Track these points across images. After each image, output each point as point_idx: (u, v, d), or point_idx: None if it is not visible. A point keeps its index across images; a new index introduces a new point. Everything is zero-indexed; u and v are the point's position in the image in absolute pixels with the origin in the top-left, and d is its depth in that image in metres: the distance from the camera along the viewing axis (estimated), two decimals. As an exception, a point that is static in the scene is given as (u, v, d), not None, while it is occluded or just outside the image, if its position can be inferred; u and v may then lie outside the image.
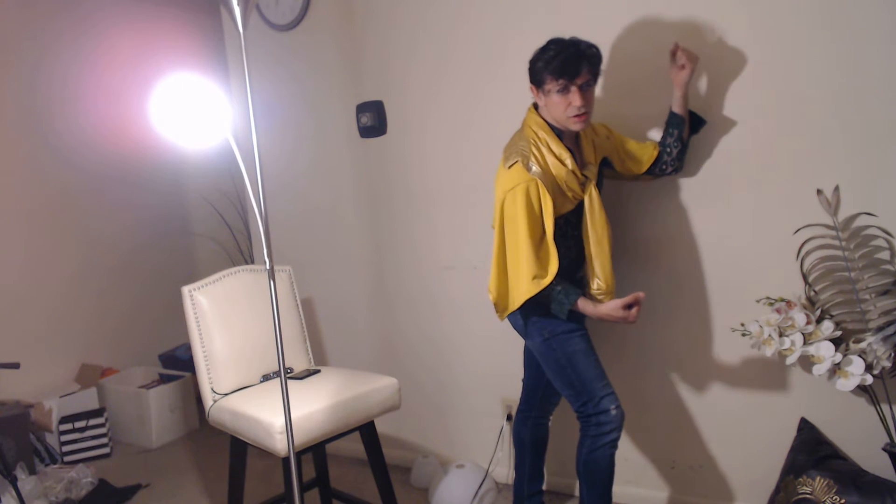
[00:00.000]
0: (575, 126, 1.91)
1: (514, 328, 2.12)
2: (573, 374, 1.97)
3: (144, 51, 4.05)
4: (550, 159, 1.91)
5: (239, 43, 1.66)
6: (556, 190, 1.91)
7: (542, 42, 1.96)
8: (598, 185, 2.02)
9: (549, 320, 1.99)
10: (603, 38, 2.29)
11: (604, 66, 2.15)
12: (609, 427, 1.93)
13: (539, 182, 1.87)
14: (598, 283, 1.98)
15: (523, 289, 1.89)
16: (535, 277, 1.88)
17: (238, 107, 3.23)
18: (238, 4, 1.60)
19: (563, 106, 1.89)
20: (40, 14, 3.66)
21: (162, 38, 4.14)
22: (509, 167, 1.92)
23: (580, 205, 1.98)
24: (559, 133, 1.95)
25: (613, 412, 1.93)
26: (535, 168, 1.89)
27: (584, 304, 1.90)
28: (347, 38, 2.88)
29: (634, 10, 2.23)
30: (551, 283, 1.89)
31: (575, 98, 1.87)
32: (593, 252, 1.97)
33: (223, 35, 3.28)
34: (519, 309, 2.00)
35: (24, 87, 3.58)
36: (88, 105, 3.82)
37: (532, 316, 2.02)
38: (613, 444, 1.95)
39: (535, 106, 2.01)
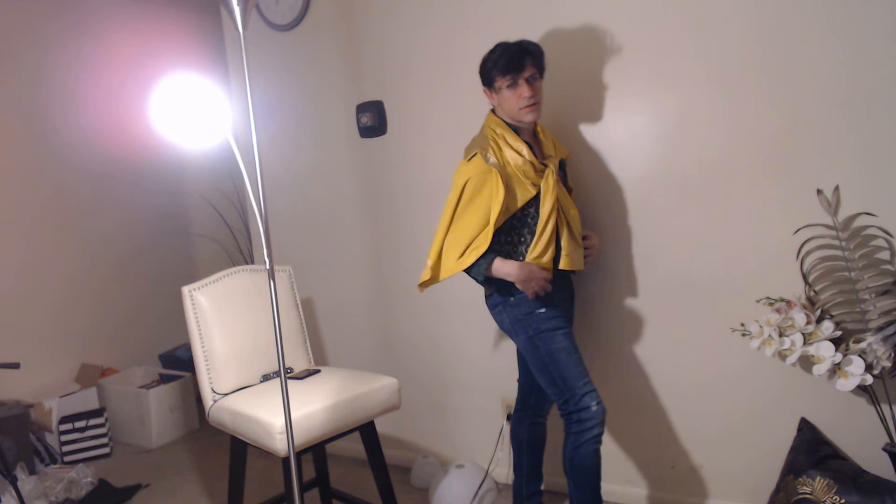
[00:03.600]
0: (527, 117, 2.02)
1: (500, 327, 2.14)
2: (555, 372, 2.00)
3: (144, 51, 4.05)
4: (508, 152, 2.02)
5: (239, 43, 1.66)
6: (514, 181, 2.00)
7: (541, 42, 1.96)
8: (563, 182, 2.12)
9: (532, 318, 2.03)
10: (599, 36, 2.29)
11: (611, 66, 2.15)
12: (590, 423, 1.95)
13: (496, 172, 1.97)
14: (563, 244, 2.04)
15: (446, 265, 2.03)
16: (460, 257, 2.00)
17: (238, 107, 3.23)
18: (238, 4, 1.60)
19: (514, 99, 2.01)
20: (40, 14, 3.66)
21: (162, 38, 4.15)
22: (469, 160, 2.03)
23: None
24: (516, 130, 2.06)
25: (594, 408, 1.95)
26: (492, 159, 1.99)
27: (499, 264, 2.00)
28: (347, 38, 2.88)
29: (639, 9, 2.23)
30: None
31: (524, 90, 1.99)
32: (539, 232, 2.03)
33: (223, 35, 3.28)
34: (504, 306, 2.06)
35: (23, 87, 3.58)
36: (88, 105, 3.82)
37: (516, 314, 2.05)
38: (597, 440, 1.97)
39: (494, 109, 2.12)
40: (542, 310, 2.03)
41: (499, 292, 2.08)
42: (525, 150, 2.02)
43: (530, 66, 2.00)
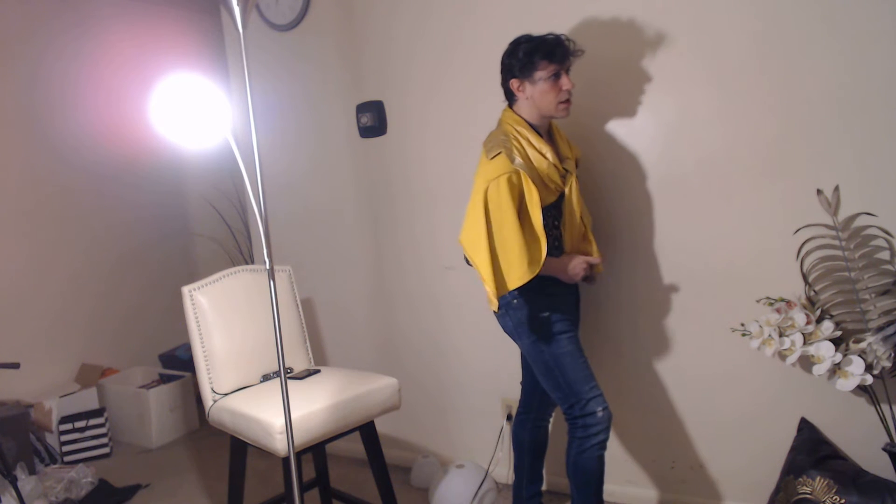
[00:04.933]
0: (562, 112, 1.96)
1: (504, 330, 2.11)
2: (560, 377, 1.97)
3: (144, 51, 4.05)
4: (531, 153, 1.94)
5: (239, 43, 1.66)
6: (538, 182, 1.93)
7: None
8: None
9: (536, 322, 2.00)
10: (599, 35, 2.29)
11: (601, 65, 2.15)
12: (596, 429, 1.93)
13: (523, 173, 1.89)
14: None
15: (516, 275, 1.88)
16: (530, 263, 1.87)
17: (238, 107, 3.23)
18: (238, 4, 1.60)
19: (554, 92, 1.93)
20: (40, 14, 3.66)
21: (162, 38, 4.15)
22: (492, 158, 1.92)
23: (562, 197, 2.02)
24: (536, 130, 1.99)
25: (600, 414, 1.93)
26: (518, 160, 1.90)
27: (548, 263, 1.93)
28: (347, 38, 2.88)
29: (639, 9, 2.23)
30: None
31: (565, 81, 1.93)
32: (567, 242, 2.01)
33: (223, 35, 3.28)
34: (508, 309, 2.02)
35: (24, 87, 3.58)
36: (88, 105, 3.82)
37: (520, 318, 2.02)
38: (602, 446, 1.95)
39: (511, 106, 2.03)
40: (546, 313, 2.00)
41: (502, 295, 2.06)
42: (549, 152, 1.95)
43: (570, 57, 1.96)
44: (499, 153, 1.91)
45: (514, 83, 1.97)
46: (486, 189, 1.88)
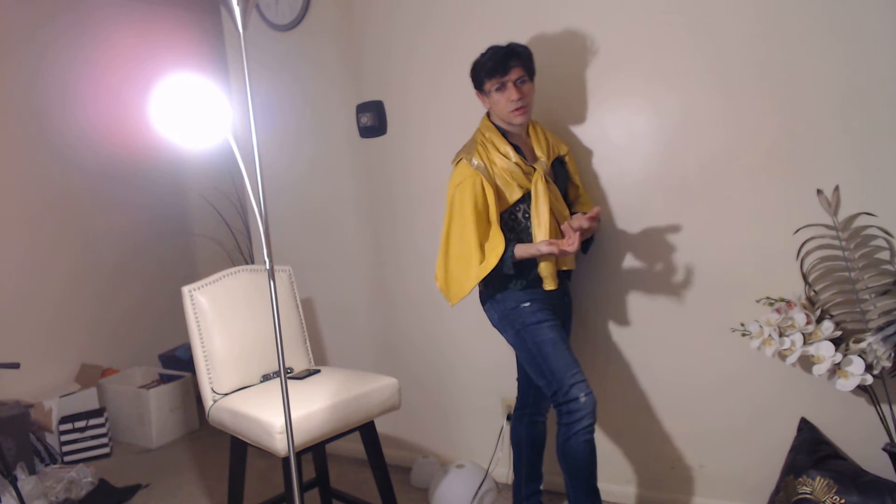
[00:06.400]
0: (517, 119, 2.05)
1: (492, 324, 2.17)
2: (543, 364, 2.02)
3: (144, 51, 4.05)
4: (496, 156, 2.06)
5: (239, 43, 1.66)
6: (501, 182, 2.05)
7: (542, 41, 1.96)
8: (557, 181, 2.15)
9: (518, 312, 2.06)
10: (600, 34, 2.29)
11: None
12: (580, 414, 1.95)
13: (479, 175, 2.01)
14: (541, 266, 2.07)
15: (472, 274, 2.02)
16: (481, 262, 2.01)
17: (238, 107, 3.23)
18: (238, 4, 1.60)
19: (503, 102, 2.04)
20: (40, 14, 3.66)
21: (162, 38, 4.15)
22: (455, 164, 2.09)
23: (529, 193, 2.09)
24: (505, 133, 2.10)
25: (583, 399, 1.95)
26: (476, 162, 2.03)
27: (520, 250, 2.01)
28: (347, 39, 2.88)
29: (640, 9, 2.23)
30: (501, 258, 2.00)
31: (511, 93, 2.02)
32: (537, 237, 2.06)
33: (223, 35, 3.28)
34: (492, 302, 2.11)
35: (24, 87, 3.58)
36: (88, 105, 3.82)
37: (503, 310, 2.08)
38: (588, 431, 1.97)
39: (489, 114, 2.15)
40: (528, 304, 2.06)
41: (486, 289, 2.12)
42: (511, 152, 2.06)
43: (518, 68, 2.02)
44: (460, 159, 2.07)
45: (477, 95, 2.14)
46: (453, 196, 2.04)
